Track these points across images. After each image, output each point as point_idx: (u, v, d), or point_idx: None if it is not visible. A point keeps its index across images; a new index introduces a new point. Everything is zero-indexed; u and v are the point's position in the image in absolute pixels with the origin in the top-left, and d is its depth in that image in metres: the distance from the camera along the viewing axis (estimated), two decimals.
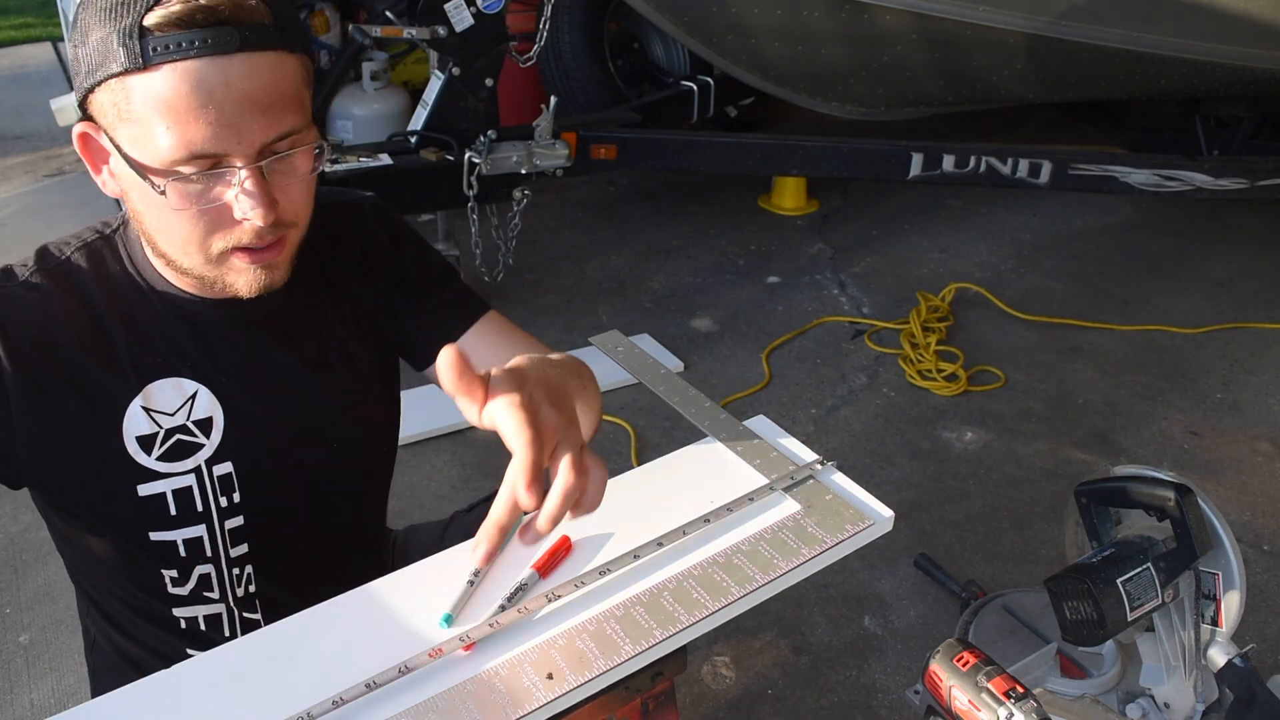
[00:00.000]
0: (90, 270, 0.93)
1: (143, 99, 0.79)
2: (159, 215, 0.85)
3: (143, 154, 0.81)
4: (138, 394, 0.93)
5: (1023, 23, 2.72)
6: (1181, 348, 2.94)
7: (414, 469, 2.37)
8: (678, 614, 0.83)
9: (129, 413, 0.93)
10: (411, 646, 0.79)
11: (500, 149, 2.82)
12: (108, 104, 0.81)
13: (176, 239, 0.86)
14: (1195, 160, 3.15)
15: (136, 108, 0.80)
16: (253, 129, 0.81)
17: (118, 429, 0.93)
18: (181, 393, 0.95)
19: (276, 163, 0.85)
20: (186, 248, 0.87)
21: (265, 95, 0.81)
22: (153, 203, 0.84)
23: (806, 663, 1.86)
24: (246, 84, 0.80)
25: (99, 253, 0.95)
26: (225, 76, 0.79)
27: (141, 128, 0.80)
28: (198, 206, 0.84)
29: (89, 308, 0.92)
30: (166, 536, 0.98)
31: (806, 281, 3.30)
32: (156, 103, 0.79)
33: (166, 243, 0.88)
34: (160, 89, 0.78)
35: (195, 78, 0.78)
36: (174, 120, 0.79)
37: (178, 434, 0.95)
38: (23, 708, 1.77)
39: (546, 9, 2.92)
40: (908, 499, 2.29)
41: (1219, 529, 1.35)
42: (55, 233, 0.97)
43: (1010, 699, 1.00)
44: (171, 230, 0.86)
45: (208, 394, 0.97)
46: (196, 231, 0.85)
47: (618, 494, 0.98)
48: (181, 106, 0.79)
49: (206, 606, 1.04)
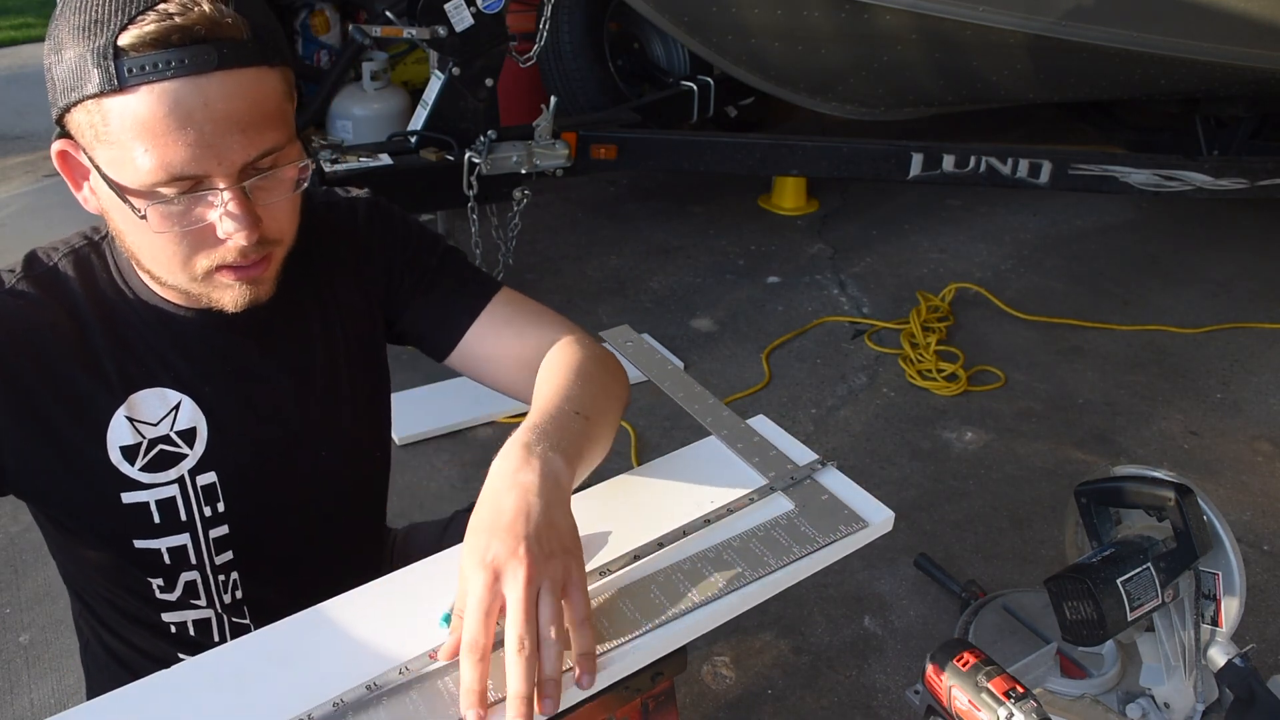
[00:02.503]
0: (77, 278, 0.92)
1: (120, 121, 0.77)
2: (140, 236, 0.84)
3: (122, 175, 0.80)
4: (122, 404, 0.93)
5: (1023, 23, 2.72)
6: (1181, 348, 2.94)
7: (414, 469, 2.37)
8: (664, 607, 0.83)
9: (113, 422, 0.93)
10: (410, 646, 0.79)
11: (500, 149, 2.82)
12: (85, 124, 0.80)
13: (160, 259, 0.86)
14: (1195, 160, 3.14)
15: (114, 129, 0.78)
16: (233, 149, 0.80)
17: (101, 439, 0.92)
18: (165, 403, 0.95)
19: (260, 181, 0.84)
20: (170, 267, 0.86)
21: (245, 114, 0.80)
22: (134, 224, 0.83)
23: (806, 663, 1.86)
24: (226, 103, 0.78)
25: (86, 260, 0.94)
26: (204, 97, 0.77)
27: (120, 150, 0.79)
28: (179, 228, 0.83)
29: (74, 316, 0.91)
30: (150, 545, 0.97)
31: (806, 281, 3.30)
32: (134, 125, 0.77)
33: (150, 261, 0.87)
34: (137, 111, 0.77)
35: (172, 99, 0.77)
36: (153, 142, 0.78)
37: (161, 444, 0.95)
38: (23, 708, 1.77)
39: (546, 9, 2.92)
40: (908, 499, 2.29)
41: (1219, 529, 1.35)
42: (54, 232, 0.96)
43: (1010, 699, 1.00)
44: (154, 250, 0.85)
45: (191, 404, 0.96)
46: (180, 252, 0.84)
47: (618, 494, 0.99)
48: (160, 129, 0.77)
49: (195, 612, 1.04)
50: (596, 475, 1.00)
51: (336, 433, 1.06)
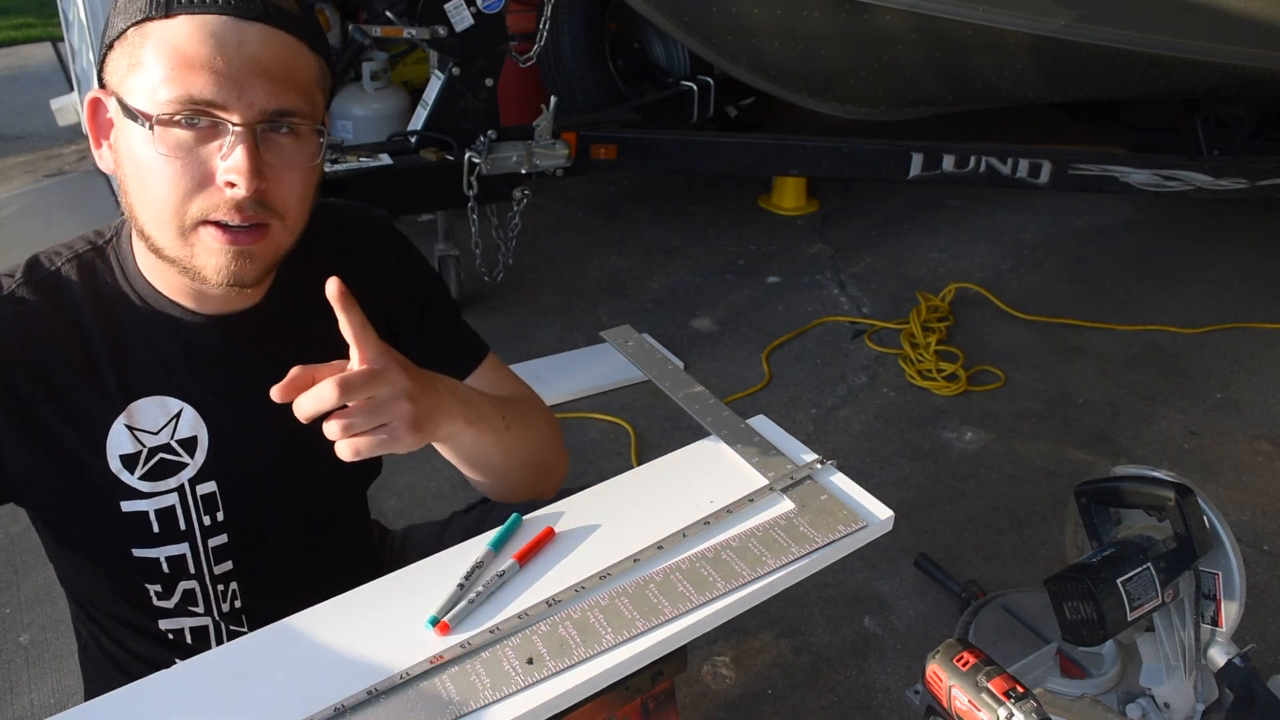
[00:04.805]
0: (80, 283, 0.92)
1: (155, 44, 0.80)
2: (142, 175, 0.83)
3: (142, 102, 0.82)
4: (121, 412, 0.92)
5: (1023, 23, 2.72)
6: (1181, 348, 2.94)
7: (414, 469, 2.36)
8: (662, 606, 0.83)
9: (112, 431, 0.92)
10: (402, 649, 0.79)
11: (500, 149, 2.82)
12: (120, 59, 0.83)
13: (155, 200, 0.83)
14: (1195, 160, 3.14)
15: (146, 53, 0.81)
16: (255, 89, 0.81)
17: (101, 447, 0.92)
18: (166, 411, 0.94)
19: (272, 136, 0.84)
20: (162, 213, 0.84)
21: (275, 66, 0.82)
22: (137, 160, 0.83)
23: (806, 663, 1.86)
24: (259, 49, 0.81)
25: (90, 264, 0.93)
26: (240, 36, 0.81)
27: (146, 73, 0.81)
28: (183, 160, 0.82)
29: (76, 323, 0.91)
30: (149, 553, 0.97)
31: (806, 281, 3.30)
32: (167, 47, 0.80)
33: (145, 210, 0.85)
34: (174, 35, 0.80)
35: (210, 29, 0.80)
36: (180, 64, 0.80)
37: (161, 453, 0.94)
38: (23, 708, 1.77)
39: (546, 9, 2.92)
40: (908, 499, 2.29)
41: (1219, 529, 1.35)
42: (54, 232, 0.96)
43: (1010, 699, 1.00)
44: (152, 191, 0.83)
45: (192, 413, 0.95)
46: (176, 191, 0.82)
47: (617, 494, 0.99)
48: (191, 53, 0.80)
49: (192, 619, 1.03)
50: (596, 475, 1.00)
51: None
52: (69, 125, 4.19)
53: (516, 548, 0.89)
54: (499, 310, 3.07)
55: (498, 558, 0.89)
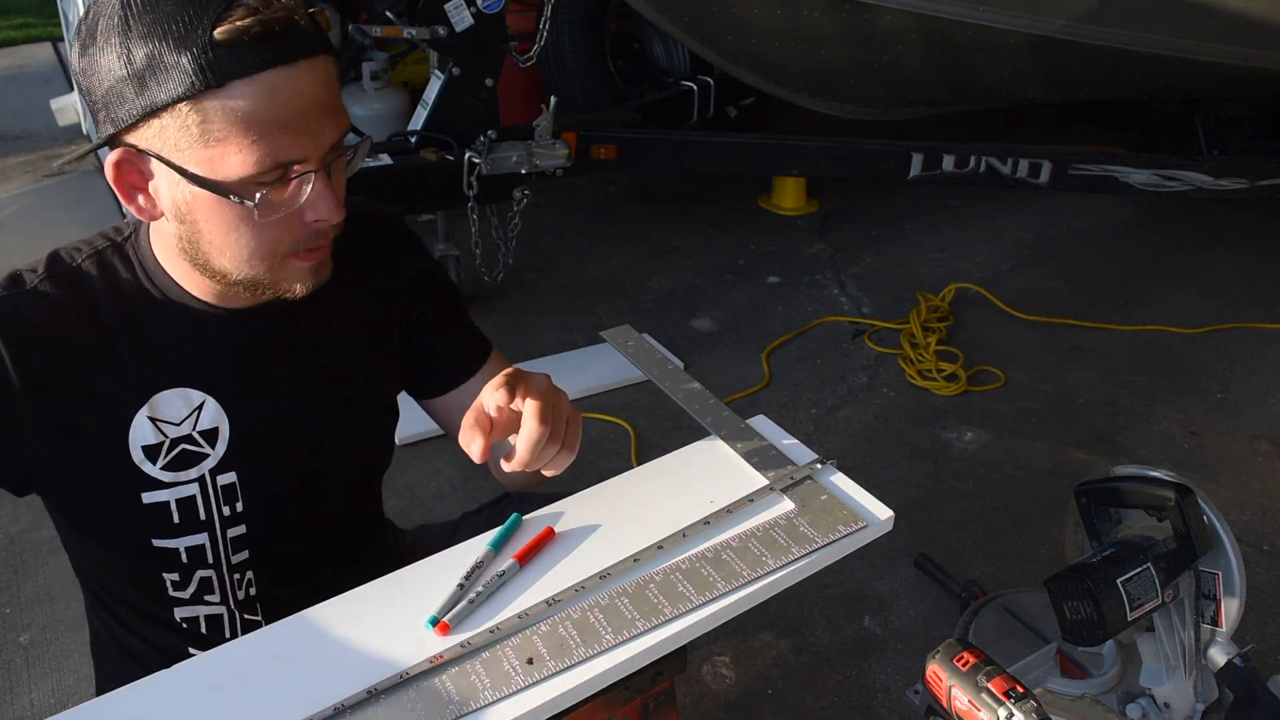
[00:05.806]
0: (100, 278, 0.93)
1: (222, 118, 0.78)
2: (228, 231, 0.85)
3: (219, 172, 0.81)
4: (144, 404, 0.93)
5: (1023, 23, 2.72)
6: (1181, 348, 2.94)
7: (414, 469, 2.37)
8: (662, 606, 0.83)
9: (135, 422, 0.93)
10: (402, 649, 0.79)
11: (500, 149, 2.81)
12: (173, 128, 0.80)
13: (245, 251, 0.86)
14: (1195, 160, 3.14)
15: (215, 127, 0.79)
16: (324, 131, 0.83)
17: (123, 438, 0.93)
18: (188, 403, 0.95)
19: (337, 161, 0.87)
20: (254, 258, 0.87)
21: (327, 98, 0.83)
22: (223, 220, 0.84)
23: (806, 663, 1.86)
24: (310, 89, 0.82)
25: (110, 261, 0.95)
26: (295, 84, 0.80)
27: (221, 146, 0.80)
28: (283, 212, 0.85)
29: (98, 316, 0.92)
30: (169, 544, 0.98)
31: (806, 281, 3.30)
32: (236, 118, 0.79)
33: (232, 257, 0.87)
34: (237, 105, 0.78)
35: (269, 86, 0.79)
36: (260, 133, 0.79)
37: (183, 444, 0.95)
38: (23, 708, 1.77)
39: (546, 9, 2.92)
40: (908, 499, 2.29)
41: (1219, 529, 1.35)
42: (54, 232, 0.97)
43: (1010, 699, 1.00)
44: (242, 244, 0.86)
45: (214, 404, 0.96)
46: (269, 238, 0.86)
47: (617, 494, 0.99)
48: (266, 118, 0.79)
49: (207, 608, 1.04)
50: (596, 475, 1.00)
51: (354, 434, 1.07)
52: (69, 125, 4.19)
53: (516, 548, 0.90)
54: (499, 310, 3.07)
55: (498, 558, 0.89)
